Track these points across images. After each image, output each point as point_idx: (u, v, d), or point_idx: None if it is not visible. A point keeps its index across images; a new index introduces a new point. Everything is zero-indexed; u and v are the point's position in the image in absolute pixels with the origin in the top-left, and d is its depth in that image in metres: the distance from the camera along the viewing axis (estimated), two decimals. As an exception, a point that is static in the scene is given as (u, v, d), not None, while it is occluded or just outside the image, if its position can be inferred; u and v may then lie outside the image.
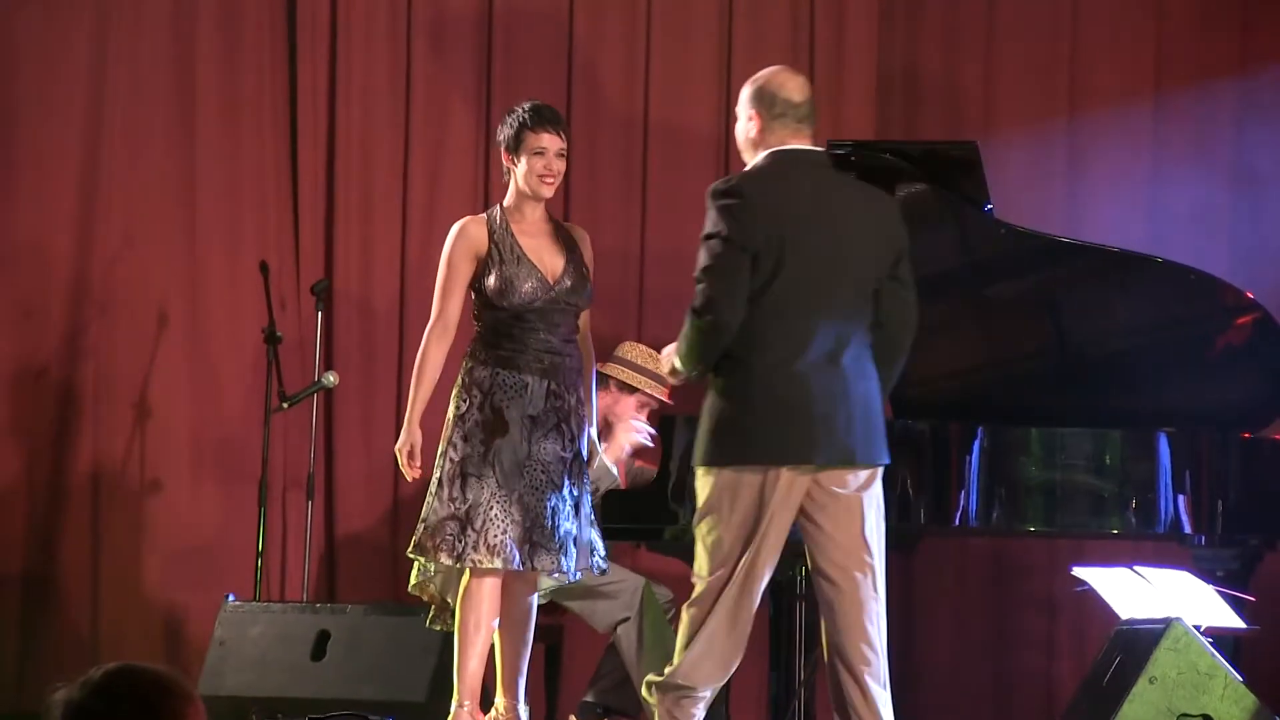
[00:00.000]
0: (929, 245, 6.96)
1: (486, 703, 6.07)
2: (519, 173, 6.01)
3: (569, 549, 5.90)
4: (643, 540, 7.09)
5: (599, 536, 6.08)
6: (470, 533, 5.80)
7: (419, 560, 5.99)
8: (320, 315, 7.98)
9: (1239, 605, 6.36)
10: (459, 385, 5.97)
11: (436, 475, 5.95)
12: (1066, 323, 6.97)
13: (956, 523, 6.46)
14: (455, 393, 5.97)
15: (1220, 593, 6.30)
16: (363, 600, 7.57)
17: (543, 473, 5.88)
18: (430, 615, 6.15)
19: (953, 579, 8.40)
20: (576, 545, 5.94)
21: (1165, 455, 6.52)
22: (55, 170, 8.38)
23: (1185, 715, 5.99)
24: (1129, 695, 5.99)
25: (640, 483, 6.91)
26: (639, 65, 8.49)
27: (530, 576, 5.95)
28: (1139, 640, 6.16)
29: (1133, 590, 6.34)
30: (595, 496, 6.43)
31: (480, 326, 6.01)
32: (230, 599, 7.20)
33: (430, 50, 8.51)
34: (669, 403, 7.19)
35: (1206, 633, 6.10)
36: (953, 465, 6.43)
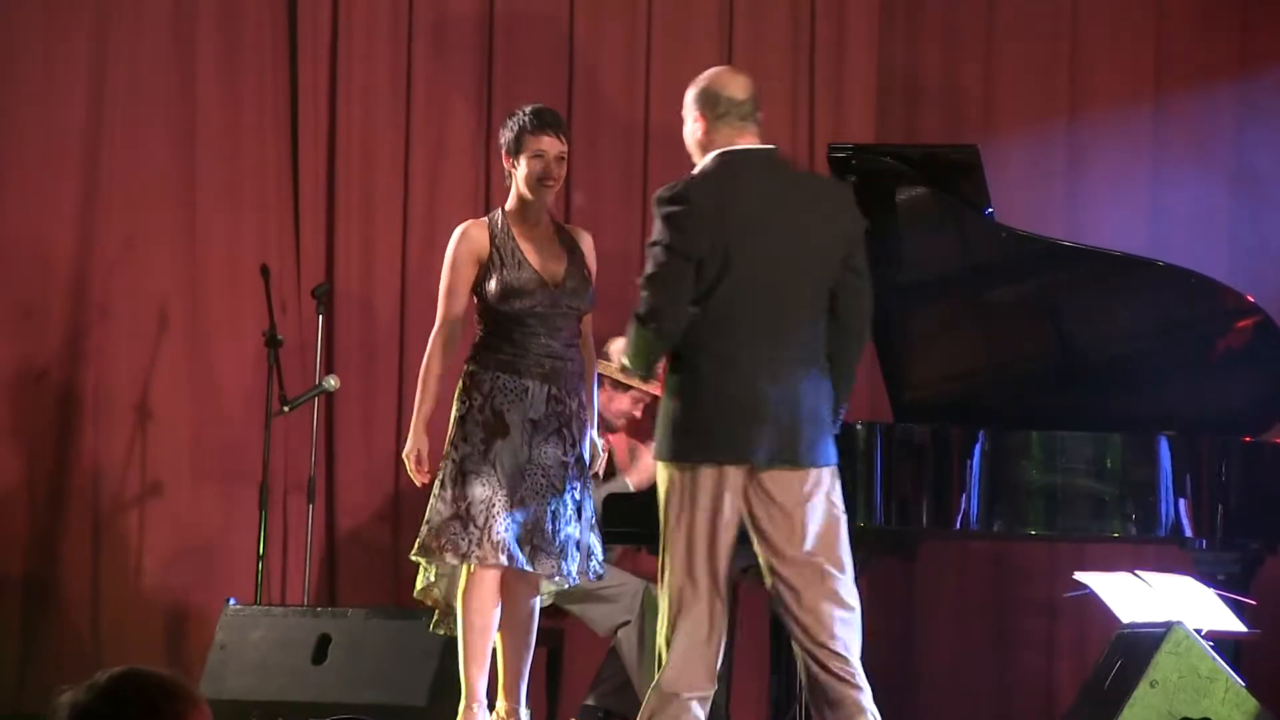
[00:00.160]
0: (930, 248, 6.98)
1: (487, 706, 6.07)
2: (519, 176, 6.00)
3: (570, 553, 5.90)
4: (644, 544, 7.08)
5: (599, 541, 6.07)
6: (473, 529, 5.79)
7: (424, 565, 5.98)
8: (321, 318, 7.98)
9: (1240, 609, 6.36)
10: (460, 387, 5.98)
11: (439, 477, 5.95)
12: (1067, 326, 6.96)
13: (957, 526, 6.46)
14: (457, 395, 5.98)
15: (1221, 596, 6.30)
16: (364, 604, 7.57)
17: (543, 476, 5.88)
18: (434, 620, 6.15)
19: (954, 582, 8.40)
20: (578, 549, 5.93)
21: (1166, 459, 6.52)
22: (55, 171, 8.38)
23: (1186, 719, 5.99)
24: (1130, 699, 5.99)
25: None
26: (639, 67, 8.49)
27: (532, 580, 5.94)
28: (1140, 644, 6.16)
29: (1133, 594, 6.34)
30: (597, 499, 6.43)
31: (482, 330, 6.02)
32: (231, 602, 7.20)
33: (431, 52, 8.51)
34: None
35: (1207, 636, 6.10)
36: (954, 468, 6.43)
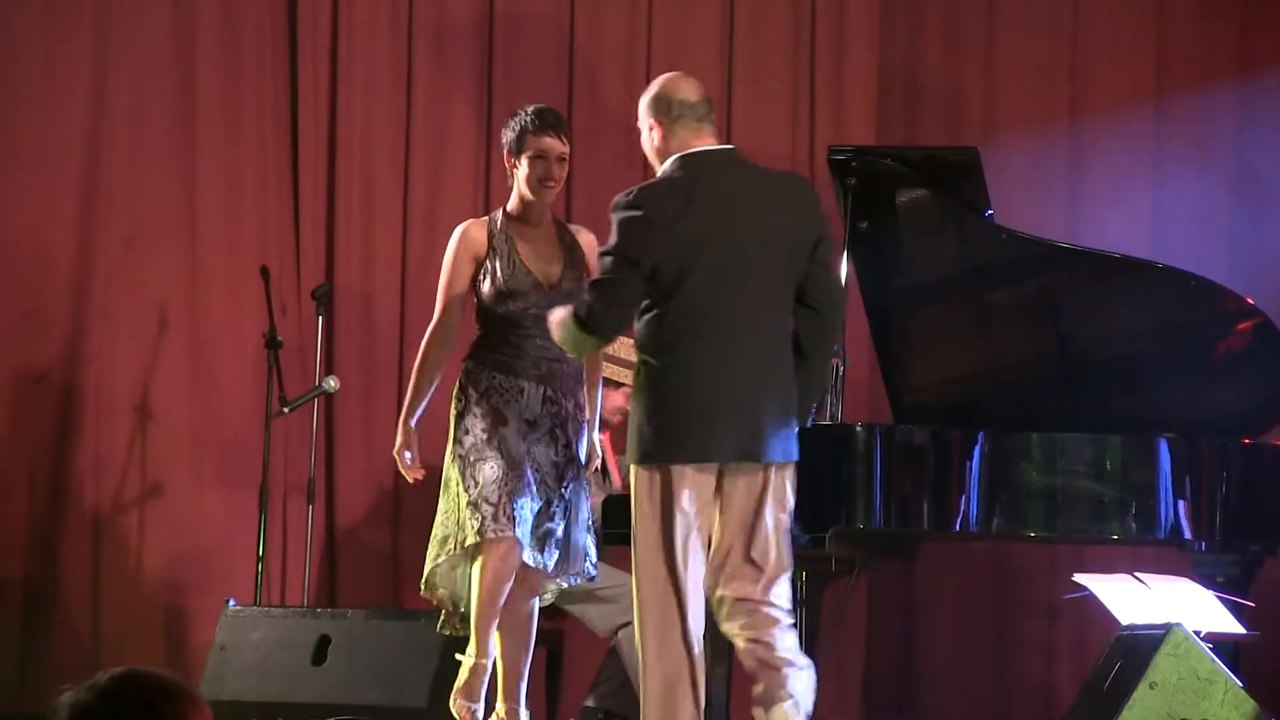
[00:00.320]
0: (930, 250, 6.98)
1: (487, 708, 6.06)
2: (520, 176, 5.99)
3: (548, 548, 5.89)
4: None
5: (593, 543, 6.07)
6: (486, 507, 5.76)
7: (430, 568, 5.97)
8: (321, 320, 7.98)
9: (1239, 611, 6.36)
10: (457, 386, 5.97)
11: (445, 478, 5.93)
12: (1067, 328, 6.96)
13: (957, 527, 6.45)
14: (454, 393, 5.97)
15: (1220, 598, 6.30)
16: (363, 605, 7.57)
17: (537, 473, 5.87)
18: (441, 620, 6.13)
19: (953, 583, 8.40)
20: (572, 549, 5.92)
21: (1166, 461, 6.52)
22: (56, 173, 8.38)
23: (1185, 720, 6.00)
24: (1129, 700, 5.98)
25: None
26: (640, 68, 8.48)
27: (530, 581, 5.93)
28: (1139, 645, 6.16)
29: (1133, 595, 6.34)
30: (596, 501, 6.43)
31: (479, 329, 6.01)
32: (231, 603, 7.20)
33: (431, 53, 8.51)
34: None
35: (1207, 638, 6.10)
36: (953, 470, 6.42)
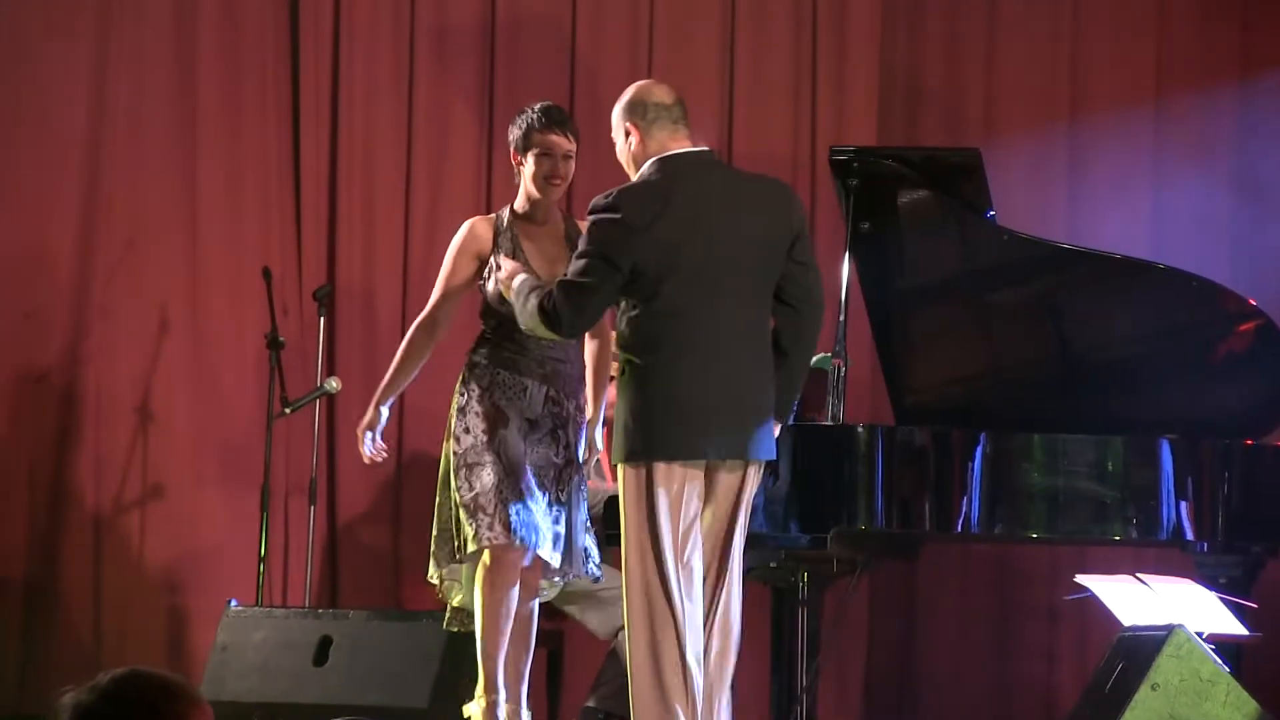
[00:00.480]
0: (931, 251, 6.98)
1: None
2: (526, 174, 5.96)
3: (558, 549, 5.88)
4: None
5: (594, 543, 6.06)
6: (483, 515, 5.75)
7: (434, 566, 5.96)
8: (322, 321, 7.98)
9: (1241, 612, 6.36)
10: (460, 381, 5.94)
11: (440, 477, 5.93)
12: (1068, 329, 6.96)
13: (959, 529, 6.45)
14: (457, 387, 5.94)
15: (1222, 599, 6.30)
16: (365, 606, 7.57)
17: (535, 474, 5.86)
18: (447, 617, 6.12)
19: (955, 585, 8.40)
20: (573, 550, 5.91)
21: (1167, 462, 6.52)
22: (57, 174, 8.38)
23: (1187, 721, 6.00)
24: (1131, 702, 5.98)
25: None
26: (641, 71, 8.47)
27: (530, 582, 5.93)
28: (1141, 647, 6.15)
29: (1135, 597, 6.33)
30: (596, 501, 6.43)
31: (485, 326, 5.98)
32: (232, 604, 7.20)
33: (433, 55, 8.51)
34: None
35: (1209, 639, 6.10)
36: (955, 471, 6.42)
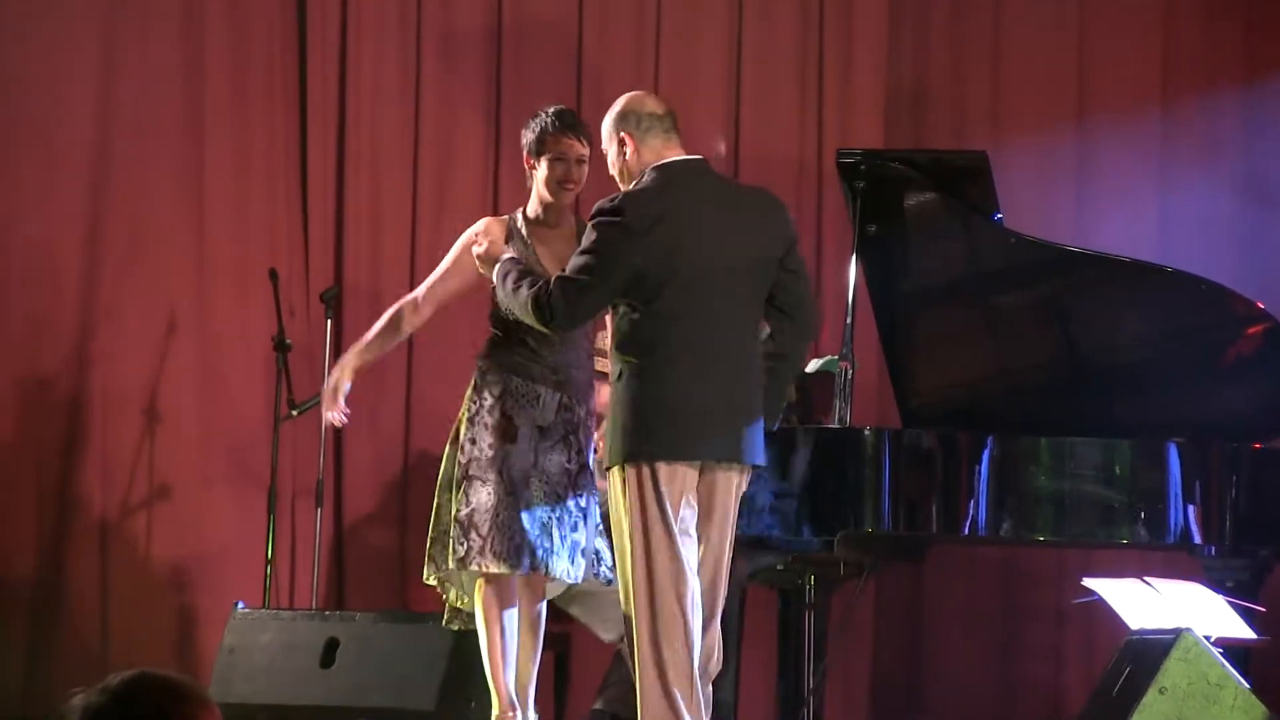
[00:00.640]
0: (938, 254, 6.97)
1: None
2: (539, 178, 5.91)
3: (575, 558, 5.88)
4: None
5: (606, 545, 6.06)
6: (475, 537, 5.76)
7: (429, 566, 5.96)
8: (329, 323, 7.97)
9: (1249, 616, 6.35)
10: (471, 387, 5.90)
11: (441, 479, 5.93)
12: (1076, 332, 6.96)
13: (965, 531, 6.45)
14: (468, 395, 5.90)
15: (1230, 603, 6.30)
16: (372, 608, 7.58)
17: (546, 483, 5.84)
18: (446, 616, 6.12)
19: (961, 587, 8.39)
20: (584, 555, 5.91)
21: (1175, 465, 6.51)
22: (64, 177, 8.39)
23: (1194, 725, 5.99)
24: (1139, 705, 5.98)
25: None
26: (648, 74, 8.48)
27: (537, 585, 5.92)
28: (1149, 650, 6.15)
29: (1142, 600, 6.33)
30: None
31: (496, 331, 5.95)
32: (239, 606, 7.20)
33: (440, 60, 8.52)
34: None
35: (1217, 643, 6.09)
36: (962, 474, 6.42)
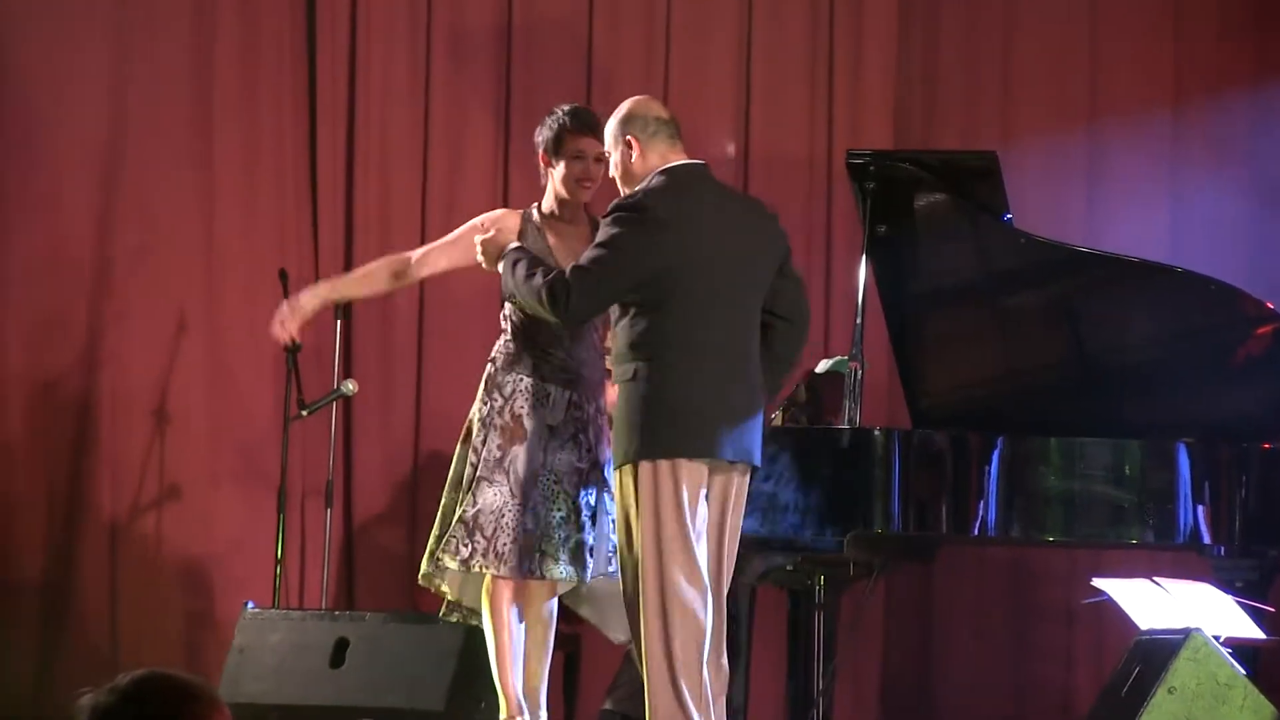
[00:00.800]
0: (948, 254, 6.97)
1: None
2: (557, 176, 5.92)
3: (584, 559, 5.87)
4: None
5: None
6: (479, 539, 5.76)
7: (427, 561, 5.96)
8: (339, 323, 7.97)
9: (1258, 616, 6.35)
10: (482, 388, 5.91)
11: (450, 478, 5.93)
12: (1085, 332, 6.95)
13: (975, 532, 6.45)
14: (479, 395, 5.90)
15: (1239, 603, 6.29)
16: (381, 608, 7.58)
17: (555, 483, 5.84)
18: (443, 610, 6.12)
19: (971, 588, 8.39)
20: (593, 554, 5.90)
21: (1184, 466, 6.51)
22: (73, 176, 8.40)
23: (1203, 725, 5.99)
24: (1148, 705, 5.97)
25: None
26: (657, 74, 8.49)
27: (548, 583, 5.93)
28: (1158, 650, 6.15)
29: (1152, 601, 6.33)
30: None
31: (507, 330, 5.94)
32: (249, 606, 7.20)
33: (449, 60, 8.52)
34: None
35: (1226, 643, 6.09)
36: (972, 474, 6.42)
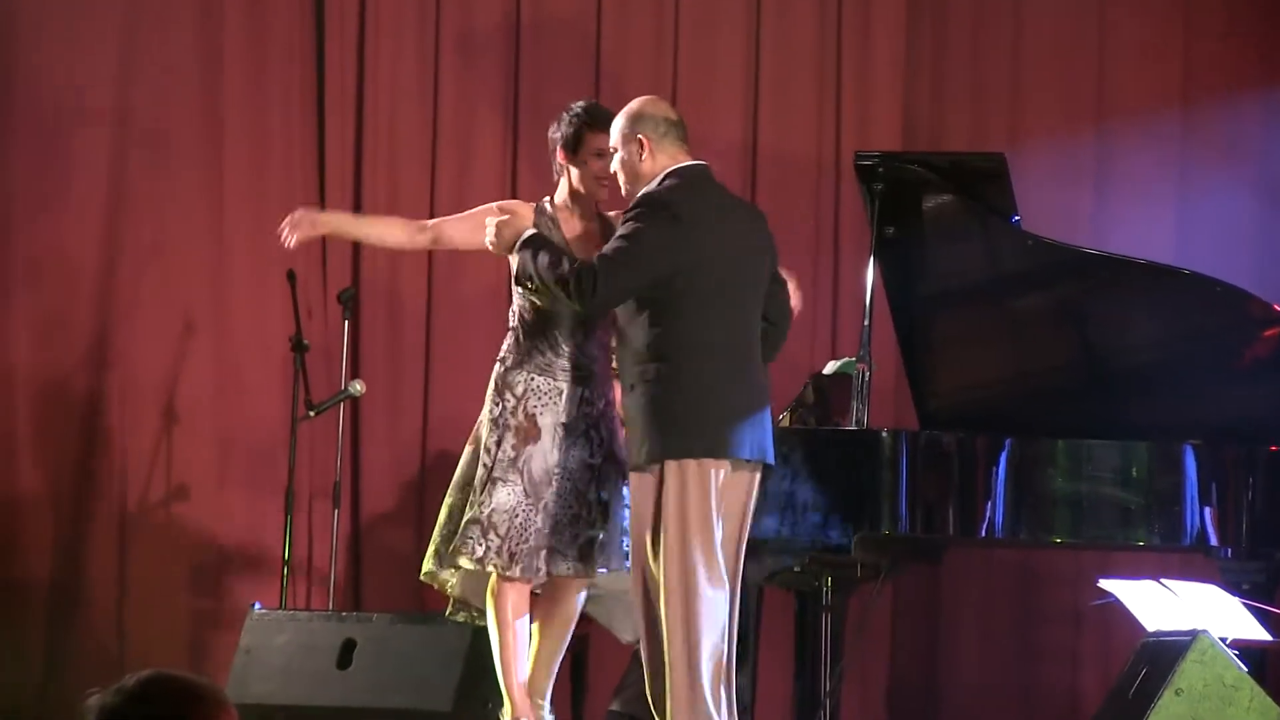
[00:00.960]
0: (956, 256, 6.97)
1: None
2: (576, 174, 5.90)
3: (592, 555, 5.86)
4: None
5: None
6: (494, 538, 5.76)
7: (431, 557, 5.95)
8: (347, 323, 7.98)
9: (1265, 618, 6.35)
10: (493, 388, 5.87)
11: (457, 478, 5.92)
12: (1093, 334, 6.96)
13: (983, 533, 6.45)
14: (490, 395, 5.87)
15: (1246, 605, 6.29)
16: (388, 609, 7.58)
17: (568, 480, 5.83)
18: (450, 608, 6.11)
19: (978, 589, 8.39)
20: (604, 550, 5.89)
21: (1191, 468, 6.51)
22: (81, 175, 8.41)
23: (1210, 727, 5.99)
24: (1154, 707, 5.97)
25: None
26: (666, 72, 8.49)
27: (574, 582, 5.91)
28: (1165, 652, 6.14)
29: (1159, 602, 6.33)
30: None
31: (518, 327, 5.91)
32: (256, 607, 7.21)
33: (458, 59, 8.52)
34: None
35: (1233, 645, 6.09)
36: (979, 476, 6.42)
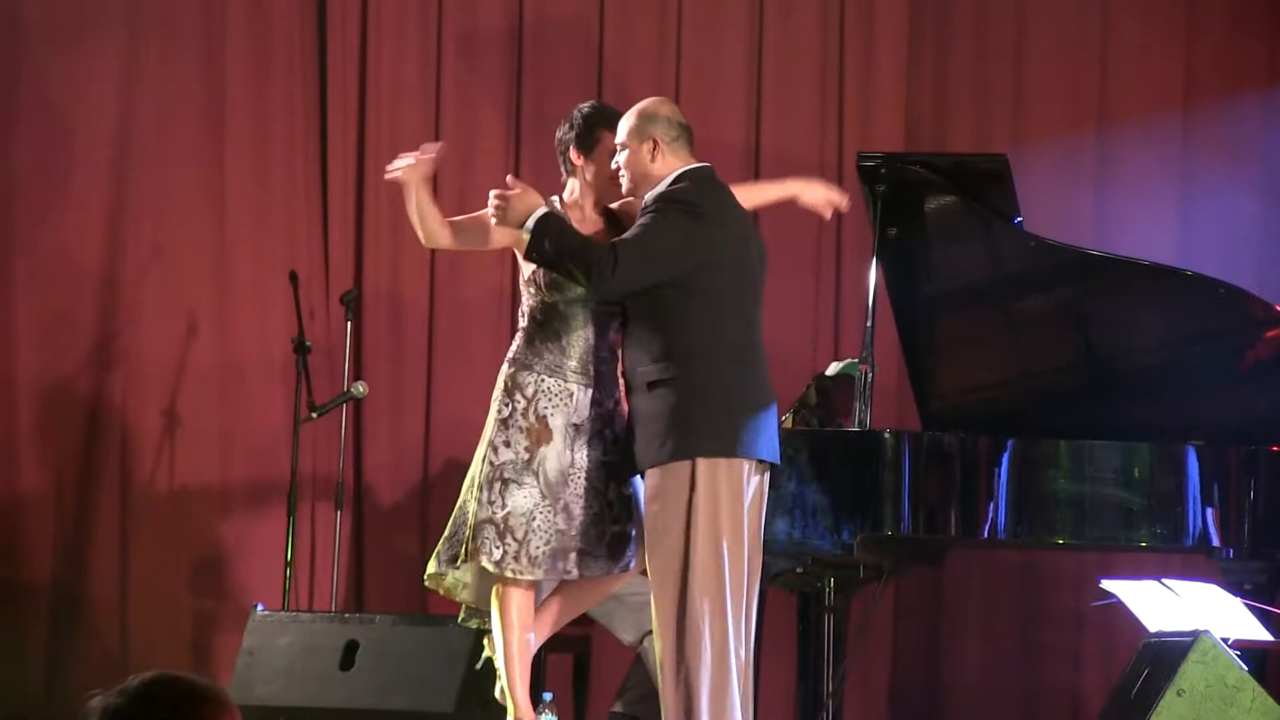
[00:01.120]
0: (958, 258, 6.98)
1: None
2: (590, 174, 5.88)
3: (623, 552, 5.77)
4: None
5: None
6: (510, 541, 5.70)
7: (436, 559, 5.92)
8: (349, 325, 7.98)
9: (1267, 618, 6.35)
10: (502, 388, 5.80)
11: (471, 477, 5.89)
12: (1095, 335, 6.96)
13: (985, 534, 6.46)
14: (498, 396, 5.80)
15: (1248, 606, 6.29)
16: (391, 610, 7.59)
17: (585, 480, 5.79)
18: (462, 615, 6.07)
19: (980, 590, 8.40)
20: (635, 544, 5.84)
21: (1194, 468, 6.51)
22: (85, 176, 8.41)
23: (1212, 728, 5.99)
24: (1157, 707, 5.98)
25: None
26: (668, 75, 8.50)
27: (601, 583, 5.89)
28: (1167, 652, 6.15)
29: (1161, 603, 6.33)
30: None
31: (528, 326, 5.86)
32: (259, 608, 7.21)
33: (460, 60, 8.53)
34: None
35: (1234, 645, 6.09)
36: (981, 477, 6.43)
